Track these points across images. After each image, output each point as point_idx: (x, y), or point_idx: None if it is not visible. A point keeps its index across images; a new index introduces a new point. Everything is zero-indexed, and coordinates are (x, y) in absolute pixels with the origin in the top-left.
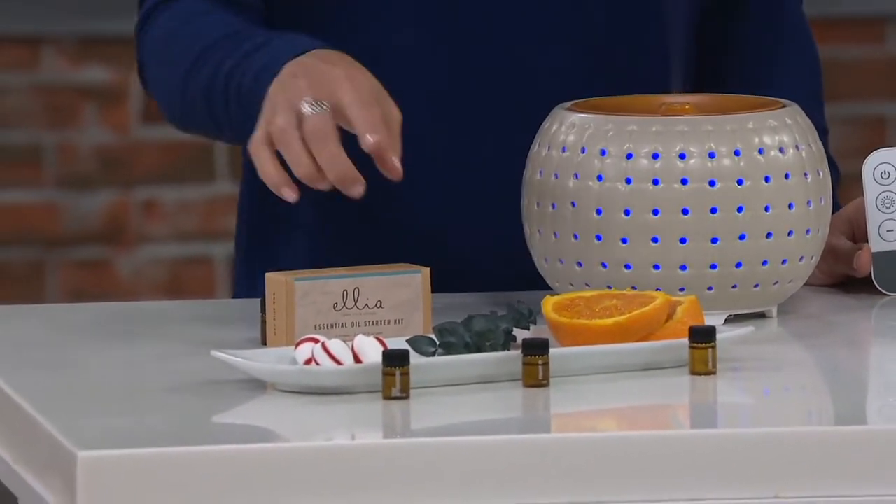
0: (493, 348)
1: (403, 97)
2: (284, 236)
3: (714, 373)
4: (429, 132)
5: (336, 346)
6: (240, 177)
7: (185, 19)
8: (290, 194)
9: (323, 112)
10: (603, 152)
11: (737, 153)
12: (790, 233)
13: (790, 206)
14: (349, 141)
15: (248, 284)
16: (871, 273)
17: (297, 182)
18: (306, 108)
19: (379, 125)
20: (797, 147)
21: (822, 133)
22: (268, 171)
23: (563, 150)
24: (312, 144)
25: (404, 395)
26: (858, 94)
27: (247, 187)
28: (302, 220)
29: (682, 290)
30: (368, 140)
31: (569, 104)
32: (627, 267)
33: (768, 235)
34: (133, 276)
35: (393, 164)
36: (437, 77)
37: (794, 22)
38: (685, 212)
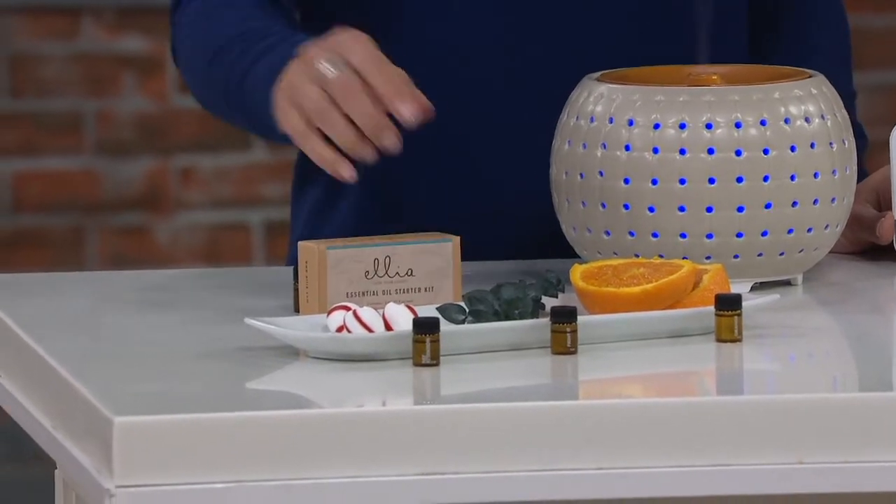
0: (521, 316)
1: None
2: (335, 211)
3: (740, 340)
4: (459, 102)
5: (367, 313)
6: (275, 145)
7: (207, 13)
8: (347, 172)
9: (343, 71)
10: (630, 122)
11: (763, 123)
12: (815, 201)
13: (815, 175)
14: None
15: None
16: (894, 240)
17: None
18: (327, 70)
19: (400, 84)
20: (822, 116)
21: (851, 98)
22: (323, 155)
23: (592, 120)
24: (346, 105)
25: (434, 362)
26: (886, 62)
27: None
28: (347, 195)
29: (708, 258)
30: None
31: (597, 75)
32: (654, 235)
33: (794, 204)
34: (171, 243)
35: (425, 107)
36: (460, 49)
37: None
38: (712, 181)
